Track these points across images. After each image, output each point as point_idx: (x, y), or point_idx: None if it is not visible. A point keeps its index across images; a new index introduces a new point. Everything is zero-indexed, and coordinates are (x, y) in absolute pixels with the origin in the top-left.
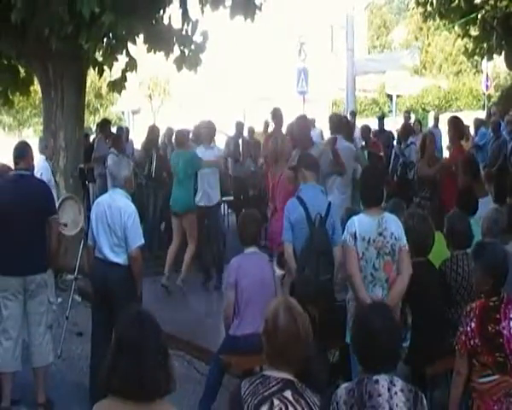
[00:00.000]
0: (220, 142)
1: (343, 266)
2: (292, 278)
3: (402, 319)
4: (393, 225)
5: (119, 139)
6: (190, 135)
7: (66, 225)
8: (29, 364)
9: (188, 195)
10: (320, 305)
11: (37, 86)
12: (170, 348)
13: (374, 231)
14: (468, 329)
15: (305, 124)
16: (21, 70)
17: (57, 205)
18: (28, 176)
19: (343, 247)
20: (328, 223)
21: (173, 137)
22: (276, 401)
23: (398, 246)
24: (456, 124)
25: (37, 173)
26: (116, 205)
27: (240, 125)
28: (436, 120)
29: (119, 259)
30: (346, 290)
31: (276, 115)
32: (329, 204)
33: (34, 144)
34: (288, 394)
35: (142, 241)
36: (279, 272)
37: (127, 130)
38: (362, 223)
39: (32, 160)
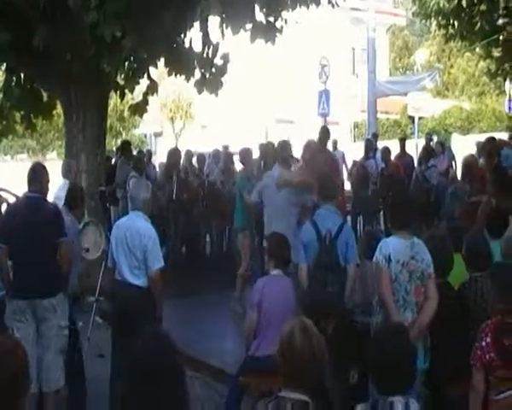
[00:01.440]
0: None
1: (362, 287)
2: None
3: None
4: (424, 250)
5: (140, 162)
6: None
7: (88, 250)
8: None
9: (237, 214)
10: (332, 318)
11: (59, 110)
12: (190, 370)
13: (407, 255)
14: (484, 343)
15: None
16: (44, 94)
17: (79, 230)
18: (37, 198)
19: (375, 268)
20: (340, 241)
21: (194, 159)
22: None
23: (428, 272)
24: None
25: (58, 196)
26: (136, 227)
27: (263, 147)
28: (440, 144)
29: (139, 281)
30: (368, 313)
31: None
32: (342, 224)
33: (58, 167)
34: None
35: (162, 263)
36: None
37: (150, 153)
38: (396, 246)
39: (47, 183)
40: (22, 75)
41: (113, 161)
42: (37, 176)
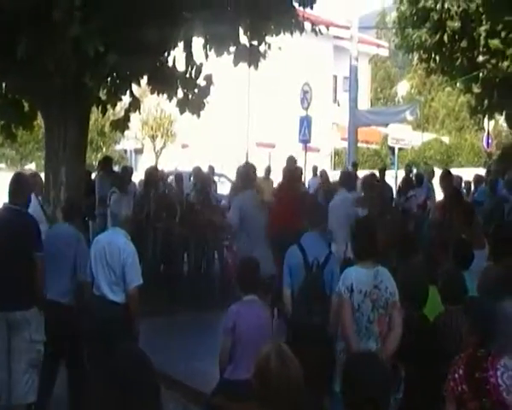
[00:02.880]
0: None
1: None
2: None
3: (395, 372)
4: (388, 279)
5: (122, 178)
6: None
7: None
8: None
9: None
10: (315, 348)
11: (40, 121)
12: (165, 389)
13: (370, 284)
14: (456, 375)
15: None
16: (25, 104)
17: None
18: (15, 210)
19: (338, 299)
20: (326, 270)
21: (170, 178)
22: None
23: (392, 301)
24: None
25: None
26: (115, 244)
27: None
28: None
29: (117, 297)
30: (338, 341)
31: None
32: (330, 253)
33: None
34: None
35: (141, 281)
36: None
37: (131, 169)
38: (358, 275)
39: (27, 194)
40: (3, 85)
41: (93, 175)
42: (19, 187)
